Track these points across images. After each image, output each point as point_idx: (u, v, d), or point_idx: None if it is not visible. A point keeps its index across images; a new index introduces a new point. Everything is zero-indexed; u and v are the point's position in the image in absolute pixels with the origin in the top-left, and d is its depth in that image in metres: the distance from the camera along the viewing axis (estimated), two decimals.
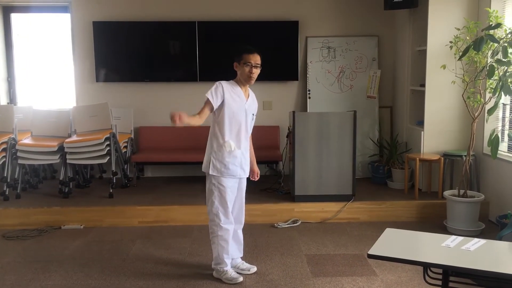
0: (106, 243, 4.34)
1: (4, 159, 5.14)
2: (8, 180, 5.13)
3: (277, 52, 6.09)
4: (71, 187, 5.29)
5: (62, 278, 3.59)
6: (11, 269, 3.77)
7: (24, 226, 4.74)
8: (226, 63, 3.55)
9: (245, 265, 3.69)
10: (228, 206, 3.46)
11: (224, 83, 3.39)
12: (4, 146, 5.14)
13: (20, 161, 5.16)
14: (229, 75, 3.51)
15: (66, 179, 5.19)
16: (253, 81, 3.42)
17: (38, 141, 5.26)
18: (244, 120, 3.45)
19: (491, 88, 4.27)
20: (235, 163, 3.43)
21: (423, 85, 5.28)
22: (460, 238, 2.69)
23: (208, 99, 3.31)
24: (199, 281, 3.52)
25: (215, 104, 3.32)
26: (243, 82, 3.43)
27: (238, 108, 3.40)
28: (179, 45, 6.19)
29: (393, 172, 5.59)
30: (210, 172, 3.43)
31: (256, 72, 3.39)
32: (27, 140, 5.28)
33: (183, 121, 3.03)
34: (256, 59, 3.37)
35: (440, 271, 2.48)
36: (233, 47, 3.50)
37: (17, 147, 5.14)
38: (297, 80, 6.21)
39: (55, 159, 5.18)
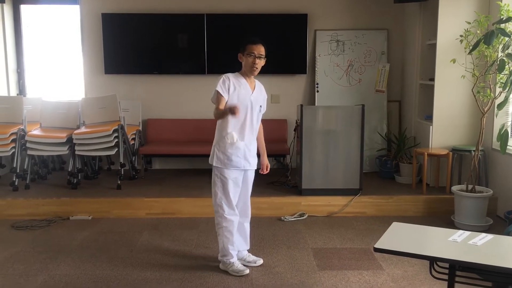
0: (113, 234, 4.37)
1: (13, 150, 5.18)
2: (18, 171, 5.18)
3: (285, 45, 6.07)
4: (79, 178, 5.33)
5: (70, 268, 3.62)
6: (20, 258, 3.81)
7: (33, 217, 4.79)
8: (234, 56, 3.55)
9: (252, 257, 3.70)
10: (231, 197, 3.46)
11: (229, 75, 3.41)
12: (13, 137, 5.18)
13: (29, 152, 5.20)
14: (237, 68, 3.51)
15: (75, 170, 5.22)
16: (256, 72, 3.42)
17: (47, 132, 5.29)
18: (250, 112, 3.44)
19: (501, 82, 4.24)
20: (238, 154, 3.43)
21: (433, 79, 5.25)
22: (468, 232, 2.68)
23: (218, 91, 3.34)
24: (205, 273, 3.53)
25: (225, 95, 3.35)
26: (247, 73, 3.43)
27: (242, 100, 3.39)
28: (188, 37, 6.19)
29: (401, 167, 5.57)
30: (214, 164, 3.44)
31: (260, 63, 3.39)
32: (36, 131, 5.31)
33: (237, 110, 3.23)
34: (260, 50, 3.37)
35: (447, 265, 2.47)
36: (241, 40, 3.49)
37: (26, 138, 5.17)
38: (306, 73, 6.19)
39: (63, 150, 5.21)
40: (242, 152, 3.44)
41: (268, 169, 3.72)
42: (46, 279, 3.44)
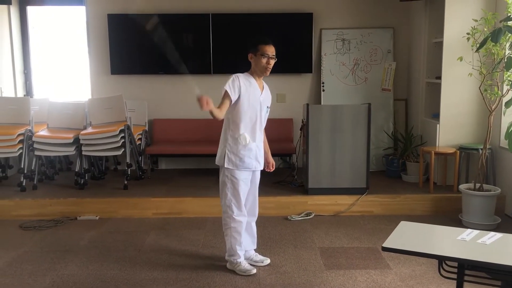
0: (121, 234, 4.39)
1: (21, 151, 5.20)
2: (25, 172, 5.20)
3: (291, 44, 6.06)
4: (86, 178, 5.35)
5: (78, 268, 3.64)
6: (28, 258, 3.83)
7: (41, 217, 4.81)
8: (240, 55, 3.55)
9: (259, 257, 3.70)
10: (241, 198, 3.46)
11: (240, 75, 3.39)
12: (21, 137, 5.20)
13: (36, 153, 5.22)
14: (243, 68, 3.50)
15: (82, 170, 5.24)
16: (268, 73, 3.41)
17: (54, 133, 5.31)
18: (259, 113, 3.44)
19: (509, 80, 4.21)
20: (250, 155, 3.43)
21: (439, 78, 5.22)
22: (476, 231, 2.66)
23: (226, 91, 3.30)
24: (212, 273, 3.54)
25: (234, 97, 3.31)
26: (258, 73, 3.42)
27: (253, 101, 3.39)
28: (193, 37, 6.19)
29: (408, 165, 5.54)
30: (226, 165, 3.42)
31: (272, 63, 3.39)
32: (43, 132, 5.33)
33: (210, 107, 3.07)
34: (272, 50, 3.37)
35: (456, 264, 2.46)
36: (247, 39, 3.49)
37: (33, 138, 5.19)
38: (311, 72, 6.18)
39: (70, 150, 5.23)
40: (254, 153, 3.45)
41: (274, 167, 3.73)
42: (54, 279, 3.45)
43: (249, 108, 3.38)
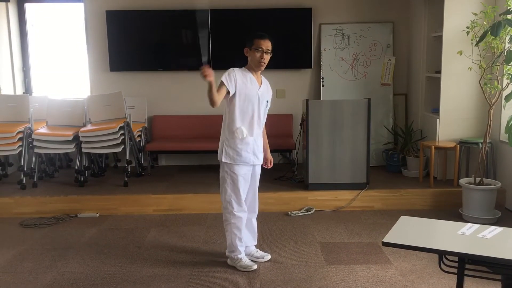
0: (121, 231, 4.39)
1: (20, 148, 5.20)
2: (25, 169, 5.20)
3: (290, 40, 6.04)
4: (86, 175, 5.35)
5: (79, 265, 3.64)
6: (29, 256, 3.83)
7: (41, 214, 4.81)
8: (239, 51, 3.54)
9: (259, 253, 3.70)
10: (240, 194, 3.46)
11: (236, 69, 3.39)
12: (20, 135, 5.20)
13: (36, 150, 5.21)
14: (243, 63, 3.49)
15: (82, 168, 5.24)
16: (263, 67, 3.40)
17: (53, 131, 5.31)
18: (257, 107, 3.43)
19: (509, 74, 4.20)
20: (247, 150, 3.42)
21: (439, 72, 5.21)
22: (477, 225, 2.66)
23: (222, 81, 3.30)
24: (213, 269, 3.54)
25: (231, 88, 3.30)
26: (254, 68, 3.42)
27: (250, 95, 3.38)
28: (192, 33, 6.17)
29: (408, 160, 5.54)
30: (223, 160, 3.42)
31: (267, 58, 3.38)
32: (43, 130, 5.33)
33: (212, 78, 3.05)
34: (267, 44, 3.36)
35: (456, 258, 2.45)
36: (246, 35, 3.49)
37: (33, 136, 5.19)
38: (311, 68, 6.16)
39: (70, 148, 5.22)
40: (251, 147, 3.44)
41: (272, 163, 3.72)
42: (55, 276, 3.46)
43: (246, 102, 3.37)
